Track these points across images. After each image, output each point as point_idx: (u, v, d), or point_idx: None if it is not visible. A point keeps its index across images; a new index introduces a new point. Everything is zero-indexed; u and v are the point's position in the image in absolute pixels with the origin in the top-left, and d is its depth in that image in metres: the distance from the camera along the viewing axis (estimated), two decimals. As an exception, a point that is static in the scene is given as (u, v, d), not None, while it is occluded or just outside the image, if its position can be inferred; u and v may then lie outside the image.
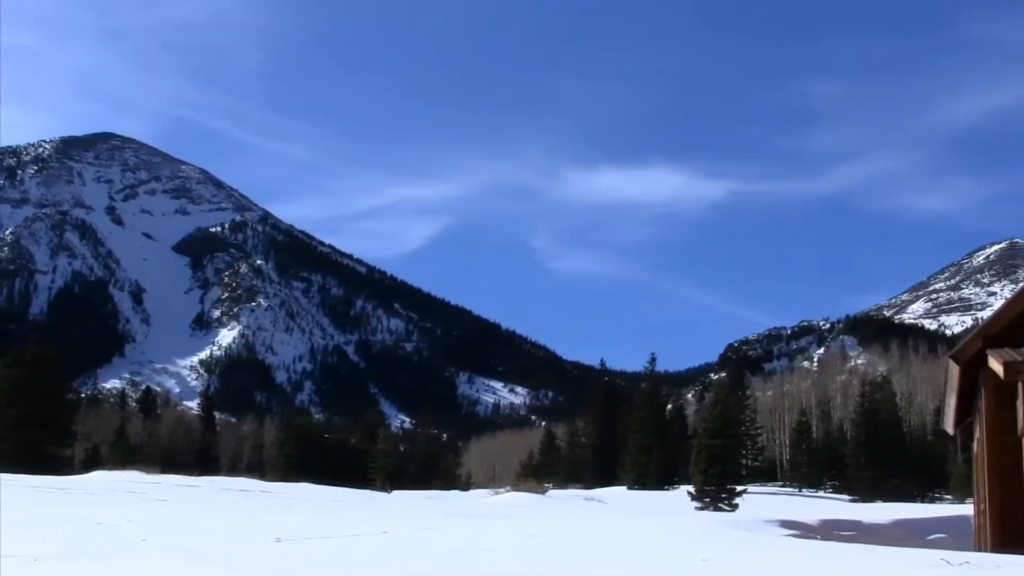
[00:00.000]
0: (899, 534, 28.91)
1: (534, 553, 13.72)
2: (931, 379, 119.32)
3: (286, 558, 12.89)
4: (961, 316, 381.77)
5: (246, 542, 15.57)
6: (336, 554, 13.64)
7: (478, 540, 15.87)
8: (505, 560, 12.72)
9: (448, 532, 18.43)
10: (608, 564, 12.18)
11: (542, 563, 12.41)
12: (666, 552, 13.62)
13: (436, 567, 11.89)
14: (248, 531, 18.69)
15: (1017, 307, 18.52)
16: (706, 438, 69.74)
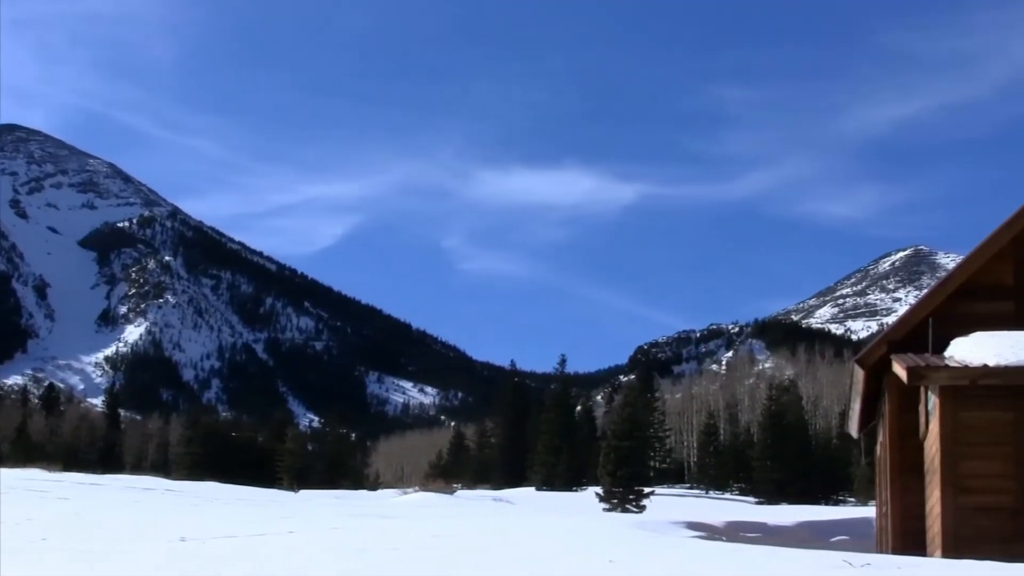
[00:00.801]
0: (803, 536, 29.25)
1: (441, 553, 13.68)
2: (837, 383, 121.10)
3: (189, 558, 12.72)
4: (867, 321, 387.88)
5: (149, 541, 15.35)
6: (241, 554, 13.50)
7: (385, 540, 15.79)
8: (412, 560, 12.67)
9: (355, 532, 18.31)
10: (515, 565, 12.16)
11: (449, 563, 12.37)
12: (573, 553, 13.64)
13: (342, 567, 11.80)
14: (152, 530, 18.43)
15: (921, 313, 18.81)
16: (615, 440, 70.17)
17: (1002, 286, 18.44)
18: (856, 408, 22.61)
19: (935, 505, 16.33)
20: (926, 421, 17.54)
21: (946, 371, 16.05)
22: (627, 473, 67.22)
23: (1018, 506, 15.44)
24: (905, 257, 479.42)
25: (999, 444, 15.65)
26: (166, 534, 16.68)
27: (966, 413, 15.80)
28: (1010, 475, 15.56)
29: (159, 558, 12.67)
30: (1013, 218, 18.48)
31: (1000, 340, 16.32)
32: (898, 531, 18.63)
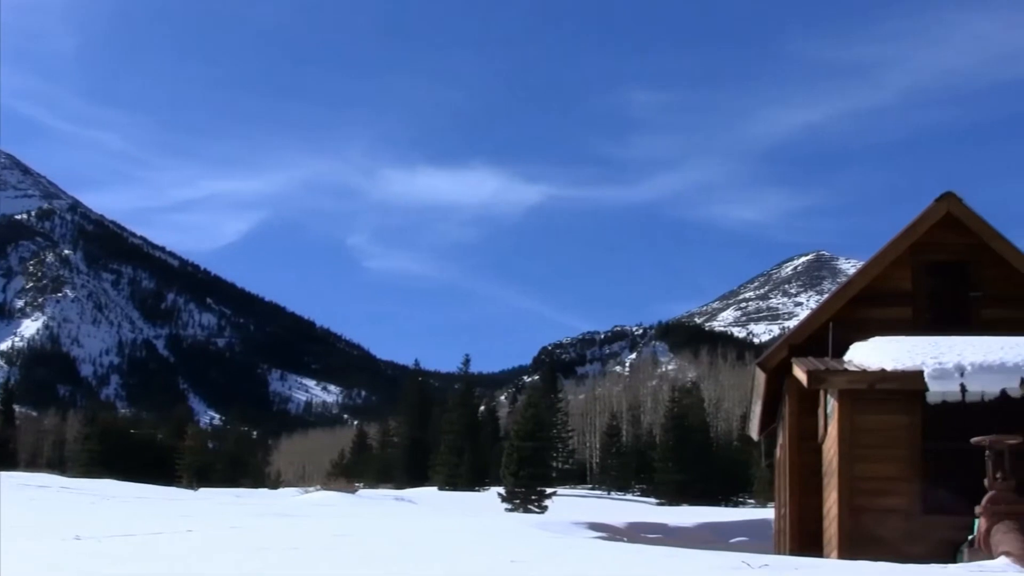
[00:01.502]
0: (703, 537, 29.53)
1: (342, 553, 13.57)
2: (738, 386, 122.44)
3: (85, 556, 12.48)
4: (769, 325, 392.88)
5: (43, 540, 15.04)
6: (138, 552, 13.28)
7: (285, 539, 15.64)
8: (312, 559, 12.56)
9: (255, 531, 18.11)
10: (416, 564, 12.11)
11: (349, 563, 12.28)
12: (475, 553, 13.61)
13: (241, 566, 11.66)
14: (46, 528, 18.07)
15: (822, 318, 19.07)
16: (518, 440, 70.39)
17: (901, 292, 18.76)
18: (757, 411, 22.88)
19: (832, 507, 16.55)
20: (825, 424, 17.78)
21: (845, 375, 16.27)
22: (529, 473, 67.48)
23: (912, 508, 15.70)
24: (807, 262, 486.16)
25: (895, 447, 15.90)
26: (61, 532, 16.36)
27: (864, 417, 16.03)
28: (905, 478, 15.81)
29: (54, 557, 12.42)
30: (911, 225, 18.81)
31: (898, 345, 16.59)
32: (796, 532, 18.86)
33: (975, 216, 18.59)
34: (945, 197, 18.69)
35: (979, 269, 18.64)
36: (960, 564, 12.86)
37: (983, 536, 13.03)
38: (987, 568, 11.75)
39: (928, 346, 16.25)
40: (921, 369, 15.54)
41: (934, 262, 18.84)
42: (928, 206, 18.83)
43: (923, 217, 18.77)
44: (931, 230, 18.70)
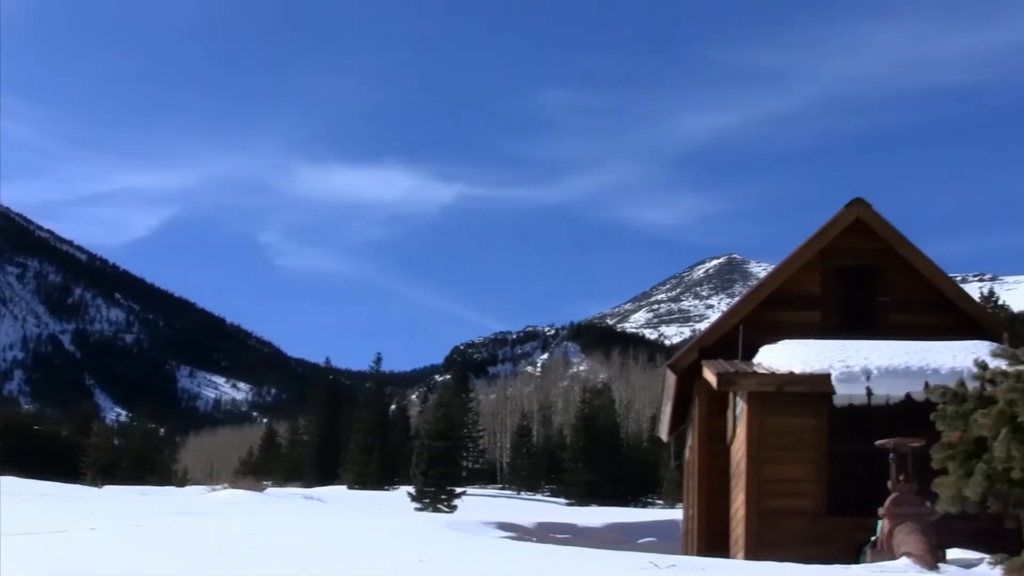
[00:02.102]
0: (612, 537, 29.60)
1: (249, 551, 13.42)
2: (649, 387, 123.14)
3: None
4: (680, 327, 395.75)
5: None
6: (41, 551, 13.01)
7: (192, 537, 15.43)
8: (218, 558, 12.39)
9: (161, 529, 17.84)
10: (324, 563, 12.00)
11: (256, 562, 12.14)
12: (383, 552, 13.52)
13: (146, 564, 11.47)
14: (-57, 525, 17.65)
15: (732, 320, 19.23)
16: (428, 439, 70.21)
17: (810, 296, 18.97)
18: (667, 412, 23.01)
19: (740, 508, 16.68)
20: (734, 426, 17.92)
21: (754, 377, 16.41)
22: (439, 473, 67.35)
23: (818, 510, 15.87)
24: (719, 265, 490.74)
25: (802, 449, 16.07)
26: (-42, 529, 16.00)
27: (772, 419, 16.18)
28: (812, 480, 15.98)
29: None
30: (821, 230, 19.03)
31: (806, 348, 16.77)
32: (704, 533, 19.00)
33: (883, 222, 18.85)
34: (854, 203, 18.93)
35: (886, 274, 18.91)
36: (863, 564, 13.00)
37: (886, 537, 13.19)
38: (889, 568, 11.89)
39: (836, 350, 16.45)
40: (829, 372, 15.72)
41: (843, 267, 19.08)
42: (838, 212, 19.06)
43: (833, 222, 19.00)
44: (841, 235, 18.94)
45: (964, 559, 12.75)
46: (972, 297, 20.49)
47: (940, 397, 6.72)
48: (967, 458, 6.56)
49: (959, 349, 16.05)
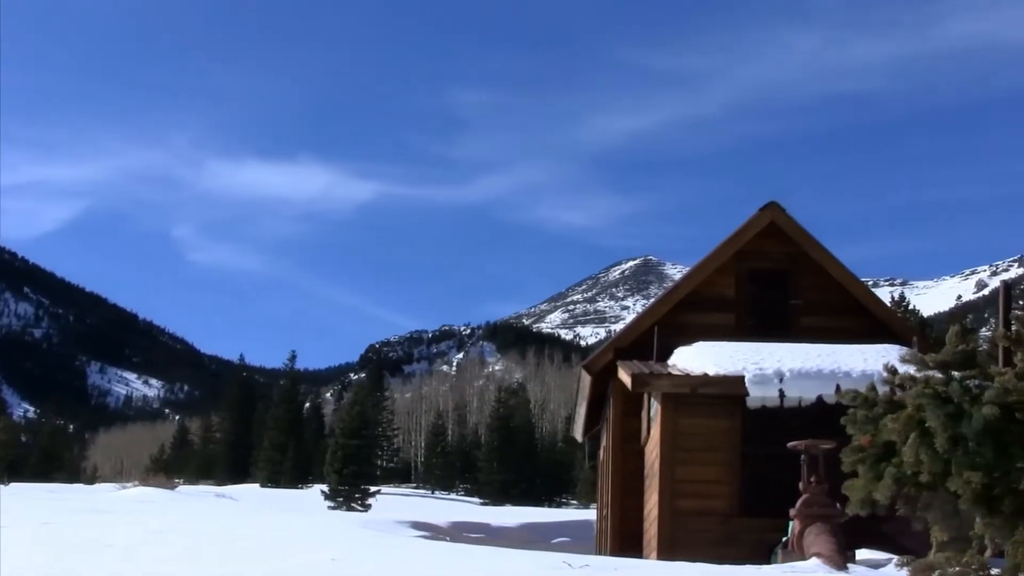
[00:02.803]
0: (525, 537, 29.65)
1: (159, 550, 13.25)
2: (564, 387, 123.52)
3: None
4: (596, 328, 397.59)
5: None
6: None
7: (100, 536, 15.19)
8: (127, 557, 12.22)
9: (69, 527, 17.57)
10: (236, 562, 11.88)
11: (166, 560, 11.99)
12: (295, 551, 13.42)
13: (53, 564, 11.28)
14: None
15: (647, 322, 19.33)
16: (342, 438, 69.92)
17: (724, 298, 19.14)
18: (582, 412, 23.07)
19: (653, 508, 16.77)
20: (648, 427, 18.01)
21: (668, 379, 16.52)
22: (353, 471, 67.08)
23: (730, 511, 16.01)
24: (635, 266, 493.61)
25: (716, 451, 16.20)
26: None
27: (686, 420, 16.29)
28: (724, 481, 16.12)
29: None
30: (736, 234, 19.20)
31: (720, 350, 16.91)
32: (617, 533, 19.08)
33: (796, 226, 19.07)
34: (768, 207, 19.13)
35: (799, 278, 19.13)
36: (774, 565, 13.13)
37: (796, 538, 13.34)
38: (799, 569, 12.02)
39: (749, 352, 16.60)
40: (742, 374, 15.86)
41: (757, 270, 19.27)
42: (752, 215, 19.24)
43: (747, 226, 19.18)
44: (755, 239, 19.13)
45: (872, 560, 12.93)
46: (883, 301, 20.81)
47: (851, 401, 6.80)
48: (877, 461, 6.64)
49: (870, 353, 16.27)
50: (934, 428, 6.10)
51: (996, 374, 6.30)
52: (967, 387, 6.20)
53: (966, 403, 6.07)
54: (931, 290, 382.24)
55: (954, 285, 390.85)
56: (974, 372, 6.47)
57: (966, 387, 6.20)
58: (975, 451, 6.09)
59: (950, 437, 6.07)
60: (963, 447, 6.10)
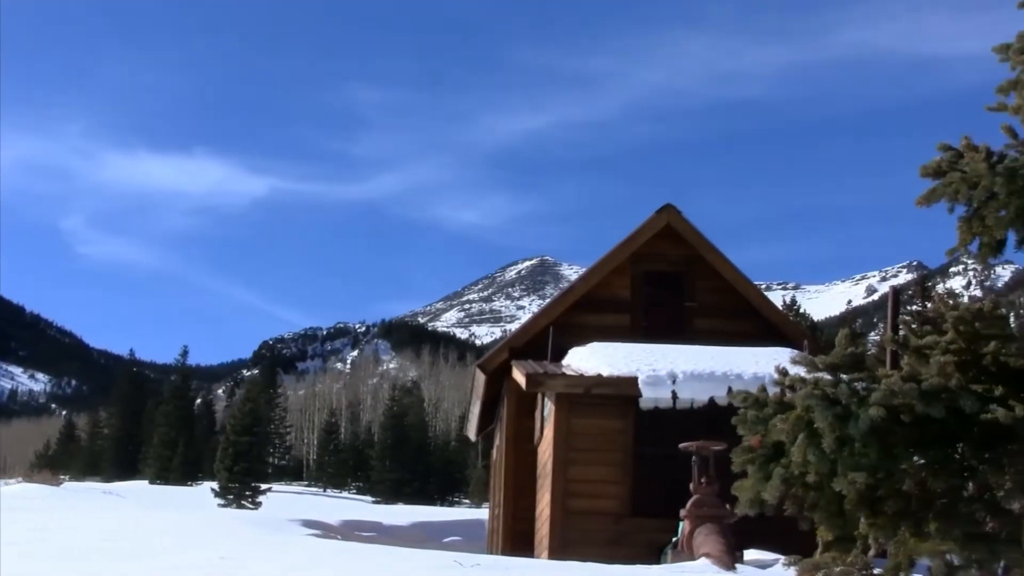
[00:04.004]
0: (417, 536, 29.56)
1: (42, 548, 12.98)
2: (459, 386, 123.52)
3: None
4: (491, 327, 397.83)
5: None
6: None
7: (-20, 533, 14.84)
8: (9, 556, 11.95)
9: (-53, 524, 17.14)
10: (122, 560, 11.68)
11: (51, 559, 11.75)
12: (184, 549, 13.23)
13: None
14: None
15: (542, 322, 19.41)
16: (234, 435, 69.06)
17: (619, 299, 19.27)
18: (476, 412, 23.09)
19: (545, 508, 16.82)
20: (541, 427, 18.06)
21: (562, 379, 16.58)
22: (244, 469, 66.32)
23: (622, 511, 16.11)
24: (531, 266, 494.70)
25: (608, 451, 16.30)
26: None
27: (579, 420, 16.36)
28: (617, 481, 16.22)
29: None
30: (632, 235, 19.34)
31: (614, 351, 17.01)
32: (509, 533, 19.11)
33: (692, 229, 19.26)
34: (665, 209, 19.30)
35: (694, 280, 19.33)
36: (664, 565, 13.24)
37: (686, 538, 13.46)
38: (688, 569, 12.13)
39: (643, 353, 16.73)
40: (636, 375, 15.97)
41: (652, 272, 19.44)
42: (648, 217, 19.40)
43: (643, 228, 19.34)
44: (651, 241, 19.29)
45: (760, 560, 13.10)
46: (775, 305, 21.10)
47: (742, 402, 6.87)
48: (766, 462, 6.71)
49: (761, 355, 16.48)
50: (822, 429, 6.18)
51: (883, 377, 6.41)
52: (855, 389, 6.29)
53: (853, 405, 6.16)
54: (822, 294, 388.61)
55: (844, 290, 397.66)
56: (862, 375, 6.57)
57: (854, 389, 6.29)
58: (861, 452, 6.18)
59: (837, 438, 6.16)
60: (849, 448, 6.19)
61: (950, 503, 6.52)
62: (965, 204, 6.66)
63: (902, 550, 6.55)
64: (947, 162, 6.76)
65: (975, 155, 6.63)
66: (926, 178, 6.78)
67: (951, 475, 6.49)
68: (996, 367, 6.93)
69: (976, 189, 6.54)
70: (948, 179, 6.65)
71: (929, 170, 6.78)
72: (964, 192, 6.60)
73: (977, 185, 6.53)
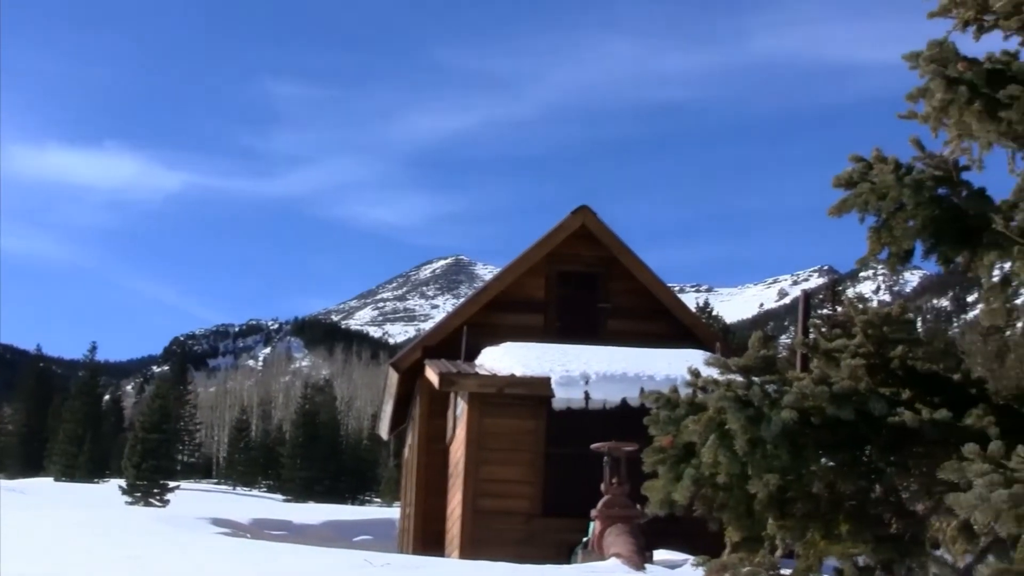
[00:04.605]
0: (328, 535, 29.39)
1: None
2: (372, 385, 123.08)
3: None
4: (405, 326, 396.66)
5: None
6: None
7: None
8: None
9: None
10: (23, 560, 11.48)
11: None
12: (90, 547, 13.04)
13: None
14: None
15: (456, 321, 19.40)
16: (142, 432, 68.33)
17: (534, 300, 19.32)
18: (388, 410, 23.03)
19: (456, 508, 16.81)
20: (454, 426, 18.05)
21: (475, 378, 16.57)
22: (153, 466, 65.64)
23: (533, 511, 16.14)
24: (446, 265, 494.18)
25: (520, 451, 16.32)
26: None
27: (491, 420, 16.37)
28: (528, 481, 16.25)
29: None
30: (547, 236, 19.40)
31: (528, 351, 17.04)
32: (420, 532, 19.07)
33: (607, 230, 19.36)
34: (580, 210, 19.37)
35: (608, 281, 19.43)
36: (574, 564, 13.28)
37: (597, 538, 13.51)
38: (598, 569, 12.18)
39: (557, 354, 16.78)
40: (549, 376, 16.01)
41: (567, 272, 19.51)
42: (564, 218, 19.47)
43: (559, 229, 19.40)
44: (566, 242, 19.36)
45: (670, 560, 13.20)
46: (688, 307, 21.29)
47: (654, 403, 6.89)
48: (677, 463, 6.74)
49: (674, 357, 16.59)
50: (734, 431, 6.22)
51: (794, 380, 6.47)
52: (767, 392, 6.34)
53: (765, 407, 6.21)
54: (735, 297, 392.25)
55: (757, 293, 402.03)
56: (774, 377, 6.62)
57: (766, 392, 6.34)
58: (772, 454, 6.23)
59: (749, 440, 6.21)
60: (761, 450, 6.24)
61: (858, 505, 6.60)
62: (875, 214, 6.74)
63: (811, 551, 6.62)
64: (858, 173, 6.84)
65: (884, 167, 6.72)
66: (838, 188, 6.86)
67: (859, 477, 6.57)
68: (904, 371, 7.04)
69: (885, 200, 6.63)
70: (859, 190, 6.74)
71: (841, 181, 6.86)
72: (874, 203, 6.68)
73: (886, 196, 6.62)
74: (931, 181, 6.62)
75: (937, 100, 6.55)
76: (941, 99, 6.52)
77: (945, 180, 6.67)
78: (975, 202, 6.61)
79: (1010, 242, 6.21)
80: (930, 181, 6.61)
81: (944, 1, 6.80)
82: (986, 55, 6.62)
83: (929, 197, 6.57)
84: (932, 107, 6.63)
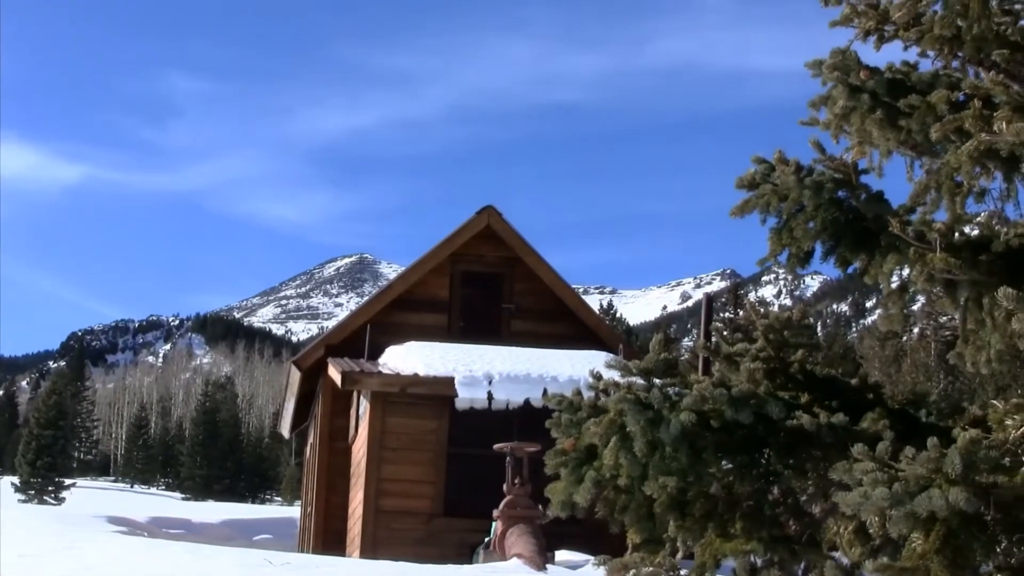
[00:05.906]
0: (227, 534, 29.11)
1: None
2: (274, 382, 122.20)
3: None
4: (308, 324, 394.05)
5: None
6: None
7: None
8: None
9: None
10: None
11: None
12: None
13: None
14: None
15: (359, 320, 19.31)
16: (37, 428, 67.18)
17: (438, 299, 19.30)
18: (290, 409, 22.88)
19: (358, 507, 16.74)
20: (356, 425, 17.97)
21: (378, 377, 16.51)
22: (48, 464, 64.59)
23: (434, 511, 16.11)
24: (350, 264, 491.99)
25: (422, 451, 16.28)
26: None
27: (394, 419, 16.31)
28: (430, 481, 16.22)
29: None
30: (452, 236, 19.39)
31: (431, 350, 17.01)
32: (321, 531, 18.98)
33: (511, 230, 19.39)
34: (485, 210, 19.39)
35: (512, 282, 19.47)
36: (475, 565, 13.28)
37: (499, 538, 13.52)
38: (499, 569, 12.19)
39: (460, 353, 16.77)
40: (452, 376, 15.99)
41: (471, 272, 19.52)
42: (469, 218, 19.47)
43: (463, 228, 19.40)
44: (471, 241, 19.36)
45: (571, 560, 13.24)
46: (592, 308, 21.41)
47: (556, 404, 6.92)
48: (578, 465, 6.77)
49: (577, 358, 16.66)
50: (634, 433, 6.26)
51: (694, 382, 6.52)
52: (667, 394, 6.39)
53: (665, 410, 6.25)
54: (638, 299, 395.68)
55: (660, 295, 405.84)
56: (675, 380, 6.68)
57: (666, 394, 6.38)
58: (671, 456, 6.28)
59: (649, 442, 6.25)
60: (660, 452, 6.28)
61: (755, 506, 6.67)
62: (776, 216, 6.82)
63: (708, 551, 6.69)
64: (760, 175, 6.92)
65: (785, 168, 6.80)
66: (741, 190, 6.93)
67: (757, 479, 6.64)
68: (803, 375, 7.13)
69: (786, 201, 6.71)
70: (760, 191, 6.81)
71: (743, 182, 6.93)
72: (775, 204, 6.76)
73: (787, 198, 6.71)
74: (831, 183, 6.72)
75: (839, 107, 6.65)
76: (843, 106, 6.62)
77: (845, 183, 6.77)
78: (874, 205, 6.72)
79: (906, 245, 6.32)
80: (830, 183, 6.71)
81: (846, 11, 6.91)
82: (887, 65, 6.73)
83: (829, 199, 6.67)
84: (834, 114, 6.73)
